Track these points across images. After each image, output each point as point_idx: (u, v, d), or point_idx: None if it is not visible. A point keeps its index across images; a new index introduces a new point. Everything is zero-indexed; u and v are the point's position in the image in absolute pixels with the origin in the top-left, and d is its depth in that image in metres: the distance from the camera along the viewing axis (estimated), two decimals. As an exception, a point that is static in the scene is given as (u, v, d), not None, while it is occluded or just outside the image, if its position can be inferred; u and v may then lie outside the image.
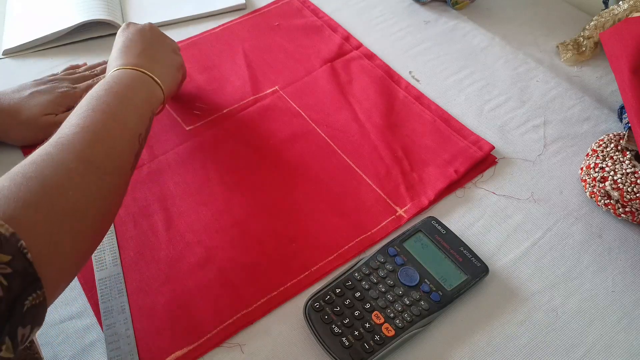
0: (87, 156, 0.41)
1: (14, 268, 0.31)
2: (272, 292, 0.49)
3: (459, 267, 0.48)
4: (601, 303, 0.48)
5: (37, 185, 0.37)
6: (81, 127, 0.43)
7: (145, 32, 0.58)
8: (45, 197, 0.37)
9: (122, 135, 0.45)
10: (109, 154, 0.43)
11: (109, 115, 0.45)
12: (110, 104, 0.46)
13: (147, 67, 0.52)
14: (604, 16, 0.68)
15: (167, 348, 0.45)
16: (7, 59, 0.73)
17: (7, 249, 0.31)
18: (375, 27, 0.77)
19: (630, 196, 0.50)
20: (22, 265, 0.32)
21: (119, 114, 0.46)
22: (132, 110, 0.48)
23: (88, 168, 0.41)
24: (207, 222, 0.54)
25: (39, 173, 0.38)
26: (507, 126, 0.63)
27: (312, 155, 0.60)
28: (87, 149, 0.41)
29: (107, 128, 0.44)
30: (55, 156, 0.40)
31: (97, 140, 0.42)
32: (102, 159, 0.42)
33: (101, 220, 0.42)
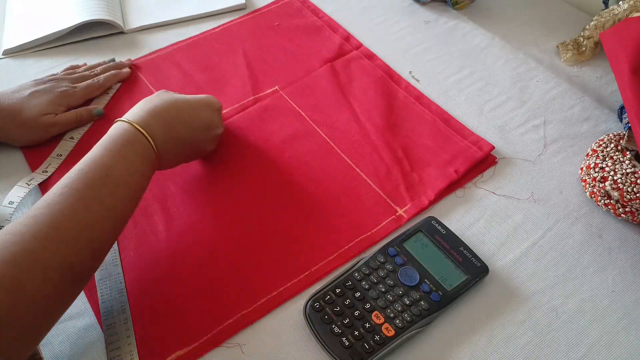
0: (70, 264, 0.39)
1: None
2: (272, 292, 0.49)
3: (459, 267, 0.48)
4: (601, 303, 0.48)
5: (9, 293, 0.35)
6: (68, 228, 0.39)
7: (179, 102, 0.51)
8: (14, 310, 0.35)
9: (111, 231, 0.43)
10: (94, 256, 0.41)
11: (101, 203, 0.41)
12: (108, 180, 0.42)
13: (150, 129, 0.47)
14: (604, 16, 0.68)
15: (167, 348, 0.45)
16: (7, 59, 0.73)
17: None
18: (375, 27, 0.77)
19: (630, 196, 0.50)
20: None
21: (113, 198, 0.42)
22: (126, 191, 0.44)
23: (66, 277, 0.38)
24: (207, 222, 0.54)
25: (15, 276, 0.35)
26: (507, 126, 0.63)
27: (312, 155, 0.60)
28: (72, 254, 0.39)
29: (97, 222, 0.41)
30: (34, 254, 0.37)
31: (84, 240, 0.40)
32: (83, 264, 0.40)
33: (56, 319, 0.40)
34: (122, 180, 0.43)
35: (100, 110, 0.64)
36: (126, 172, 0.44)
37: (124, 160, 0.44)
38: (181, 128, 0.50)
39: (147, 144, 0.47)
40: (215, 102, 0.56)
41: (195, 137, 0.52)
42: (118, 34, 0.76)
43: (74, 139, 0.61)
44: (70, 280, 0.39)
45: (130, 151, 0.45)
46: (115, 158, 0.44)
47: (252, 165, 0.59)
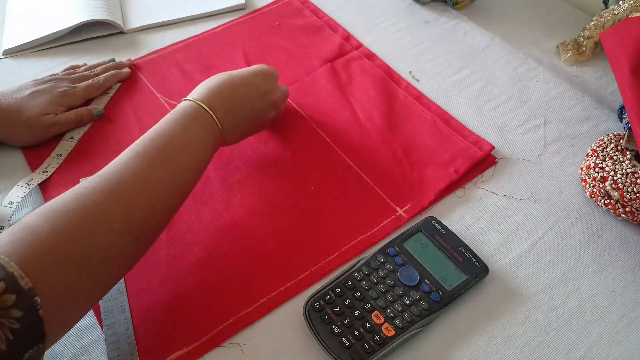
0: (132, 221, 0.40)
1: (23, 324, 0.32)
2: (272, 292, 0.49)
3: (459, 267, 0.48)
4: (601, 303, 0.48)
5: (70, 239, 0.36)
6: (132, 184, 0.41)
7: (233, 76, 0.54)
8: (77, 256, 0.36)
9: (172, 195, 0.44)
10: (154, 219, 0.43)
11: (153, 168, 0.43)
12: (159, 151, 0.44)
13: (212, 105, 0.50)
14: (604, 16, 0.68)
15: (167, 348, 0.45)
16: (7, 59, 0.73)
17: (21, 305, 0.32)
18: (375, 27, 0.77)
19: (630, 196, 0.50)
20: (32, 321, 0.32)
21: (173, 169, 0.44)
22: (188, 159, 0.46)
23: (127, 232, 0.40)
24: (207, 222, 0.54)
25: (80, 224, 0.37)
26: (507, 126, 0.63)
27: (312, 155, 0.60)
28: (135, 212, 0.41)
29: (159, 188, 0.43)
30: (100, 206, 0.39)
31: (147, 203, 0.42)
32: (145, 225, 0.42)
33: (117, 277, 0.42)
34: (184, 147, 0.46)
35: (100, 110, 0.64)
36: (189, 142, 0.47)
37: (186, 130, 0.47)
38: (239, 100, 0.53)
39: (210, 118, 0.49)
40: (268, 69, 0.58)
41: (254, 106, 0.55)
42: (118, 34, 0.76)
43: (74, 139, 0.61)
44: (132, 235, 0.41)
45: (193, 123, 0.48)
46: (177, 128, 0.47)
47: (252, 165, 0.59)
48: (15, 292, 0.32)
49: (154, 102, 0.67)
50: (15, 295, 0.32)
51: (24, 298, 0.32)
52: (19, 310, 0.32)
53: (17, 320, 0.31)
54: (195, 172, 0.48)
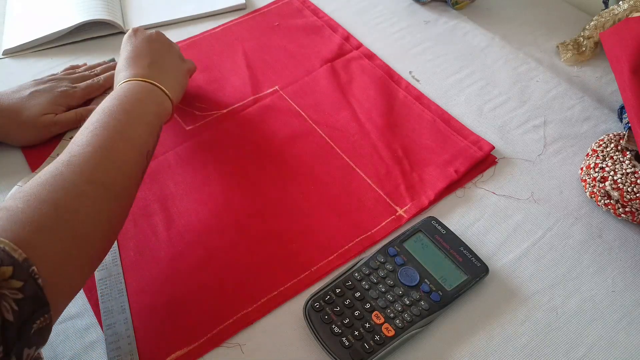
0: (98, 178, 0.41)
1: (25, 294, 0.32)
2: (272, 292, 0.49)
3: (459, 267, 0.48)
4: (601, 303, 0.48)
5: (50, 208, 0.37)
6: (92, 146, 0.43)
7: (153, 40, 0.58)
8: (57, 221, 0.37)
9: (131, 154, 0.45)
10: (119, 174, 0.44)
11: (118, 134, 0.45)
12: (121, 120, 0.46)
13: (157, 78, 0.53)
14: (604, 16, 0.68)
15: (167, 348, 0.45)
16: (7, 59, 0.73)
17: (20, 275, 0.32)
18: (375, 27, 0.77)
19: (630, 196, 0.50)
20: (33, 290, 0.33)
21: (129, 131, 0.46)
22: (142, 126, 0.48)
23: (99, 190, 0.41)
24: (207, 222, 0.54)
25: (52, 196, 0.38)
26: (507, 126, 0.63)
27: (312, 155, 0.60)
28: (98, 170, 0.42)
29: (116, 147, 0.44)
30: (67, 177, 0.40)
31: (107, 161, 0.43)
32: (112, 181, 0.43)
33: (107, 240, 0.42)
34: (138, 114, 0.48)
35: (100, 110, 0.64)
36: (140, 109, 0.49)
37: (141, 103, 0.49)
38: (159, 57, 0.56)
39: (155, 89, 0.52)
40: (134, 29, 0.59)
41: (170, 58, 0.58)
42: (118, 34, 0.76)
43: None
44: (106, 194, 0.41)
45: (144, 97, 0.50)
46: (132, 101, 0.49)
47: (252, 165, 0.59)
48: (11, 264, 0.32)
49: (154, 102, 0.66)
50: (12, 267, 0.32)
51: (20, 268, 0.32)
52: (19, 280, 0.32)
53: (18, 290, 0.32)
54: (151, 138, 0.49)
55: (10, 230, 0.34)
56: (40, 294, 0.33)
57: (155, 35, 0.59)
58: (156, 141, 0.50)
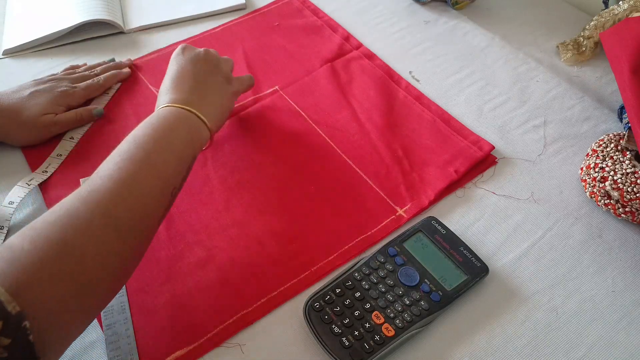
0: (115, 219, 0.38)
1: (11, 352, 0.30)
2: (272, 292, 0.49)
3: (459, 267, 0.48)
4: (601, 303, 0.48)
5: (57, 254, 0.35)
6: (113, 181, 0.40)
7: (199, 60, 0.55)
8: (63, 268, 0.34)
9: (155, 191, 0.42)
10: (138, 215, 0.40)
11: (144, 168, 0.42)
12: (149, 151, 0.43)
13: (196, 104, 0.50)
14: (604, 16, 0.68)
15: (167, 348, 0.45)
16: (7, 59, 0.73)
17: (9, 332, 0.30)
18: (375, 27, 0.77)
19: (630, 196, 0.50)
20: (22, 347, 0.31)
21: (156, 165, 0.43)
22: (171, 159, 0.44)
23: (114, 232, 0.38)
24: (207, 222, 0.54)
25: (62, 237, 0.35)
26: (507, 126, 0.63)
27: (312, 155, 0.60)
28: (117, 210, 0.38)
29: (140, 184, 0.41)
30: (81, 216, 0.37)
31: (127, 199, 0.39)
32: (130, 222, 0.39)
33: (115, 286, 0.40)
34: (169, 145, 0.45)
35: (100, 110, 0.64)
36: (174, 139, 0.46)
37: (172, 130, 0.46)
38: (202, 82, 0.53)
39: (192, 116, 0.49)
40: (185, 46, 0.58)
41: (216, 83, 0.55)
42: (118, 34, 0.76)
43: (74, 139, 0.61)
44: (117, 237, 0.38)
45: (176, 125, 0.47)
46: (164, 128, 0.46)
47: (252, 165, 0.59)
48: (2, 317, 0.30)
49: (154, 102, 0.66)
50: (2, 321, 0.30)
51: (11, 324, 0.30)
52: (7, 338, 0.30)
53: (5, 349, 0.30)
54: (181, 170, 0.46)
55: (10, 275, 0.32)
56: (30, 350, 0.31)
57: (202, 54, 0.56)
58: (185, 176, 0.46)
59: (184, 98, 0.50)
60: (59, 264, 0.34)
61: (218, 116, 0.53)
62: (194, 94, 0.51)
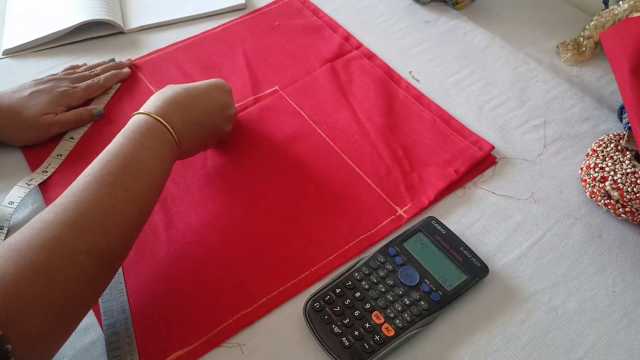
0: (100, 250, 0.39)
1: None
2: (272, 292, 0.49)
3: (459, 267, 0.48)
4: (601, 303, 0.48)
5: (42, 280, 0.35)
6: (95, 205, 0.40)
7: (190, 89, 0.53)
8: (47, 293, 0.35)
9: (135, 216, 0.43)
10: (121, 244, 0.42)
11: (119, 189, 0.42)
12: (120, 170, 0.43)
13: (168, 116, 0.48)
14: (604, 16, 0.68)
15: (167, 348, 0.45)
16: (7, 59, 0.73)
17: None
18: (375, 27, 0.77)
19: (630, 196, 0.50)
20: None
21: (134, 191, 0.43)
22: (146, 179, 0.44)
23: (98, 262, 0.39)
24: (207, 222, 0.54)
25: (48, 263, 0.36)
26: (507, 126, 0.63)
27: (312, 155, 0.60)
28: (102, 240, 0.39)
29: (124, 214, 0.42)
30: (68, 244, 0.38)
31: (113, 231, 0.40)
32: (113, 251, 0.41)
33: (89, 307, 0.41)
34: (142, 166, 0.44)
35: (100, 111, 0.64)
36: (146, 159, 0.45)
37: (144, 148, 0.45)
38: (197, 112, 0.51)
39: (166, 131, 0.48)
40: (224, 84, 0.57)
41: (211, 119, 0.54)
42: (118, 34, 0.76)
43: (74, 139, 0.61)
44: (100, 265, 0.39)
45: (149, 139, 0.46)
46: (135, 146, 0.45)
47: (252, 165, 0.59)
48: None
49: (154, 102, 0.67)
50: None
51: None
52: None
53: None
54: (156, 191, 0.46)
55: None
56: None
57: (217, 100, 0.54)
58: (159, 193, 0.47)
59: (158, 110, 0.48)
60: (43, 290, 0.35)
61: (192, 143, 0.51)
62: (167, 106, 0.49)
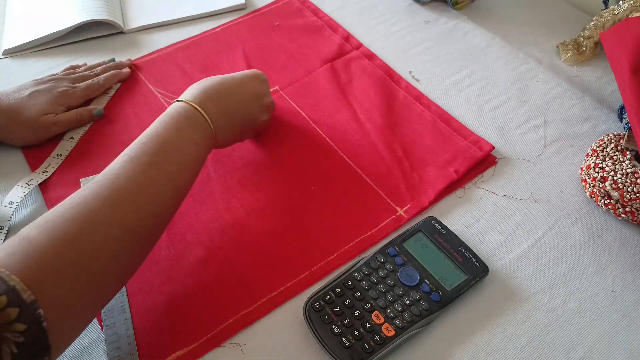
0: (133, 226, 0.40)
1: (27, 338, 0.32)
2: (272, 292, 0.49)
3: (459, 267, 0.48)
4: (601, 303, 0.48)
5: (73, 250, 0.36)
6: (133, 182, 0.41)
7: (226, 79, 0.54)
8: (77, 263, 0.36)
9: (168, 196, 0.44)
10: (153, 221, 0.43)
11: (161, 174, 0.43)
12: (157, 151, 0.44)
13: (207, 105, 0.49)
14: (604, 16, 0.68)
15: (167, 348, 0.45)
16: (7, 59, 0.73)
17: (24, 318, 0.32)
18: (375, 27, 0.77)
19: (630, 196, 0.50)
20: (35, 334, 0.32)
21: (170, 171, 0.44)
22: (181, 162, 0.46)
23: (129, 237, 0.40)
24: (207, 222, 0.54)
25: (80, 234, 0.37)
26: (507, 126, 0.63)
27: (312, 155, 0.60)
28: (136, 216, 0.40)
29: (158, 192, 0.43)
30: (101, 217, 0.39)
31: (145, 207, 0.41)
32: (145, 228, 0.42)
33: (121, 283, 0.42)
34: (177, 148, 0.46)
35: (100, 111, 0.64)
36: (181, 142, 0.46)
37: (179, 131, 0.47)
38: (233, 102, 0.52)
39: (202, 118, 0.49)
40: (260, 74, 0.58)
41: (247, 108, 0.54)
42: (118, 34, 0.76)
43: (74, 139, 0.61)
44: (132, 240, 0.40)
45: (185, 124, 0.47)
46: (171, 130, 0.46)
47: (252, 165, 0.59)
48: (18, 305, 0.32)
49: (154, 102, 0.67)
50: (19, 308, 0.32)
51: (27, 311, 0.32)
52: (23, 324, 0.32)
53: (21, 334, 0.31)
54: (190, 173, 0.47)
55: (26, 267, 0.33)
56: (44, 337, 0.33)
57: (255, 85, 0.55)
58: (194, 177, 0.48)
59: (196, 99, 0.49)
60: (74, 260, 0.36)
61: (228, 132, 0.52)
62: (206, 96, 0.50)
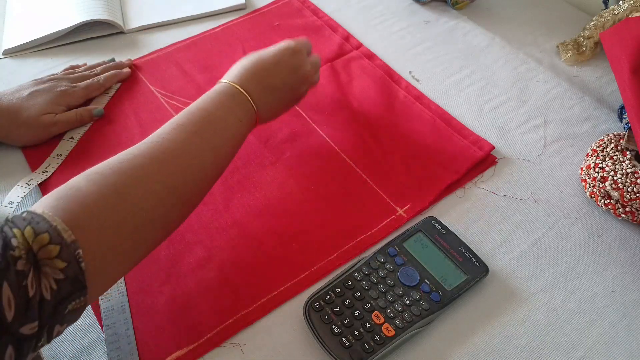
0: (176, 186, 0.42)
1: (66, 275, 0.33)
2: (272, 292, 0.49)
3: (459, 267, 0.48)
4: (601, 303, 0.48)
5: (114, 199, 0.38)
6: (175, 144, 0.43)
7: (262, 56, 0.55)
8: (117, 212, 0.38)
9: (209, 162, 0.46)
10: (195, 185, 0.44)
11: (203, 142, 0.45)
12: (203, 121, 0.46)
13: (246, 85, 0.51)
14: (604, 16, 0.68)
15: (167, 348, 0.45)
16: (7, 59, 0.73)
17: (65, 256, 0.33)
18: (375, 27, 0.77)
19: (630, 196, 0.50)
20: (74, 273, 0.34)
21: (209, 134, 0.46)
22: (224, 134, 0.48)
23: (172, 196, 0.42)
24: (207, 222, 0.54)
25: (121, 184, 0.39)
26: (507, 126, 0.63)
27: (312, 155, 0.60)
28: (180, 177, 0.42)
29: (201, 157, 0.45)
30: (148, 174, 0.41)
31: (188, 170, 0.43)
32: (187, 189, 0.43)
33: (158, 240, 0.43)
34: (220, 119, 0.48)
35: (100, 110, 0.64)
36: (224, 114, 0.48)
37: (222, 105, 0.49)
38: (270, 77, 0.53)
39: (245, 98, 0.50)
40: (294, 45, 0.57)
41: (286, 82, 0.55)
42: (118, 34, 0.76)
43: (74, 139, 0.61)
44: (173, 199, 0.42)
45: (228, 100, 0.49)
46: (214, 104, 0.48)
47: (252, 165, 0.59)
48: (59, 243, 0.33)
49: (154, 102, 0.67)
50: (59, 246, 0.33)
51: (67, 249, 0.33)
52: (63, 261, 0.33)
53: (61, 271, 0.33)
54: (231, 146, 0.49)
55: (69, 209, 0.35)
56: (81, 277, 0.34)
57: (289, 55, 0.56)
58: (235, 150, 0.50)
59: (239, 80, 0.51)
60: (117, 210, 0.38)
61: (269, 106, 0.54)
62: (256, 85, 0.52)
